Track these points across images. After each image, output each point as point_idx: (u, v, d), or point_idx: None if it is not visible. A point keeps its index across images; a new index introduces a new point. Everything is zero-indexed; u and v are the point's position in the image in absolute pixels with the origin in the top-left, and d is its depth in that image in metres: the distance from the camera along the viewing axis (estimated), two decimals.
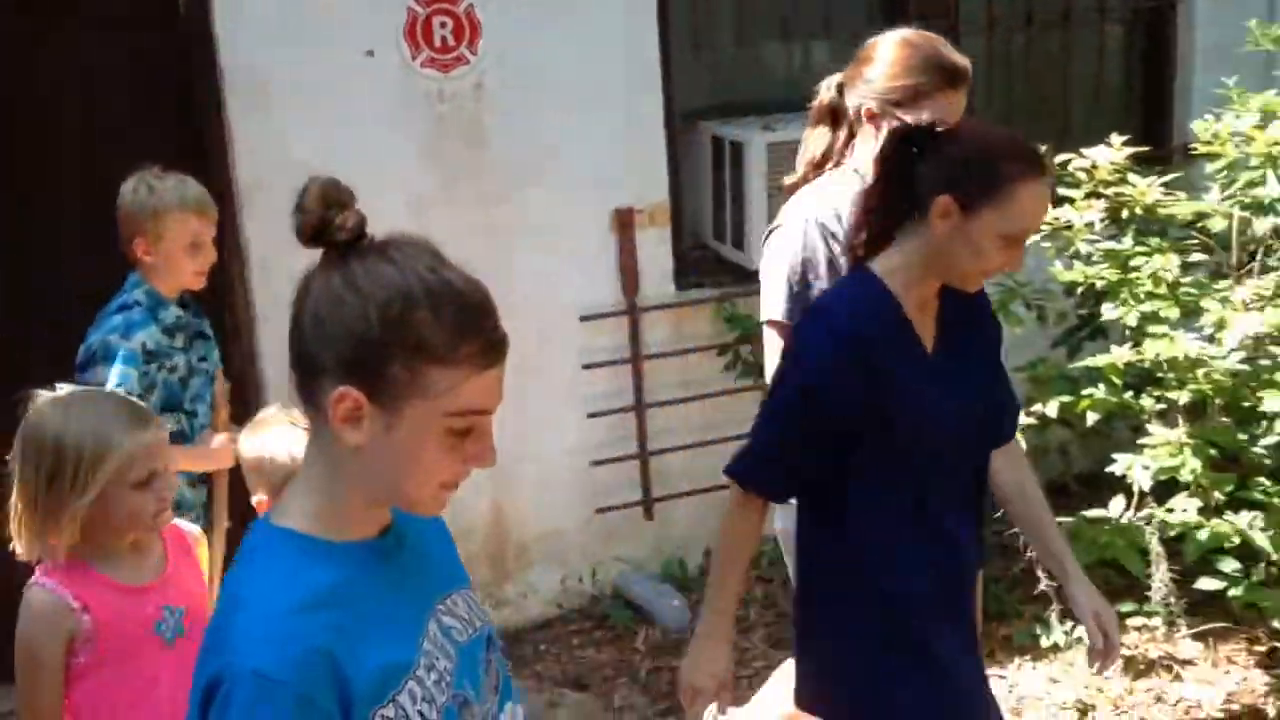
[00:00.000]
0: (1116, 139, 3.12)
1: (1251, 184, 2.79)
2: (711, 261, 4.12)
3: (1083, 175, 3.08)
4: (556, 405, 3.88)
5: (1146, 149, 3.55)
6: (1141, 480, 2.88)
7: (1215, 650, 3.33)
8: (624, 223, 3.89)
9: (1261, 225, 2.82)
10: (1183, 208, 2.98)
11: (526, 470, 3.82)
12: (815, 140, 2.49)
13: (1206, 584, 3.15)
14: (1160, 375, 3.02)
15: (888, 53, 2.35)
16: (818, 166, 2.48)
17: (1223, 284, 2.97)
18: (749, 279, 4.05)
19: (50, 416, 1.95)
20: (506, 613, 3.84)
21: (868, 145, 2.36)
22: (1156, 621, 3.36)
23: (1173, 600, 3.26)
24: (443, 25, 3.54)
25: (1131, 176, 3.05)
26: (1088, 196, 3.05)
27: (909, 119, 2.23)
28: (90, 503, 1.91)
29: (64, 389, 2.05)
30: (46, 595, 1.95)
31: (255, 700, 1.16)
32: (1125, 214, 3.02)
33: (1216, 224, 2.96)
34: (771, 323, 2.41)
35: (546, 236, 3.78)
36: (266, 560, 1.26)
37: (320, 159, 3.44)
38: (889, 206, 1.97)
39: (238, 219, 3.45)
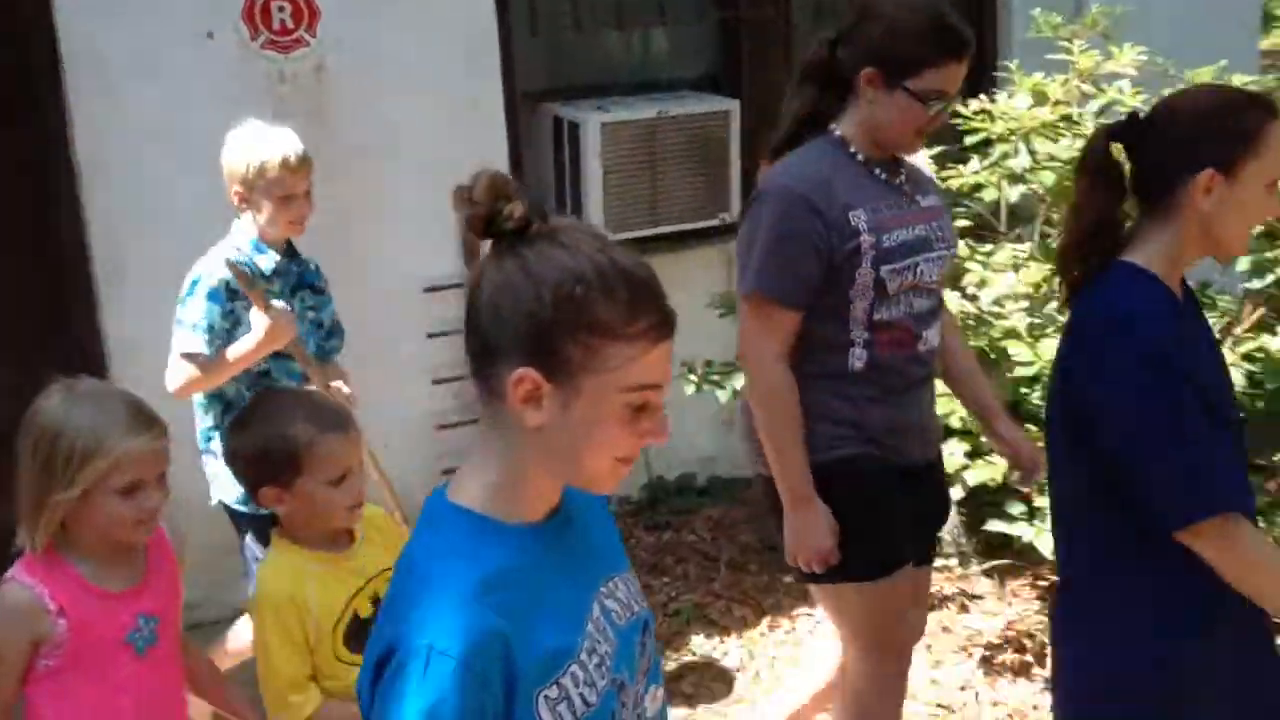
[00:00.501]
0: None
1: (1005, 156, 3.07)
2: None
3: None
4: (404, 373, 4.06)
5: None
6: None
7: (1004, 586, 3.64)
8: None
9: (1013, 193, 3.10)
10: (956, 180, 3.26)
11: (373, 436, 3.97)
12: (803, 98, 2.39)
13: (994, 526, 3.44)
14: None
15: (895, 14, 2.28)
16: (803, 127, 2.38)
17: (988, 248, 3.25)
18: None
19: (56, 405, 1.92)
20: None
21: (864, 109, 2.31)
22: (954, 561, 3.65)
23: (963, 541, 3.54)
24: (281, 9, 3.69)
25: None
26: None
27: (910, 86, 2.25)
28: (74, 499, 1.87)
29: (84, 380, 2.00)
30: (23, 594, 1.91)
31: (428, 674, 1.19)
32: None
33: (990, 194, 3.24)
34: (745, 297, 2.34)
35: (390, 213, 3.95)
36: (444, 537, 1.30)
37: (161, 137, 3.62)
38: (1108, 208, 1.87)
39: (78, 194, 3.56)
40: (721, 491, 4.38)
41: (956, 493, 3.14)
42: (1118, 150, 1.88)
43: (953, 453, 3.14)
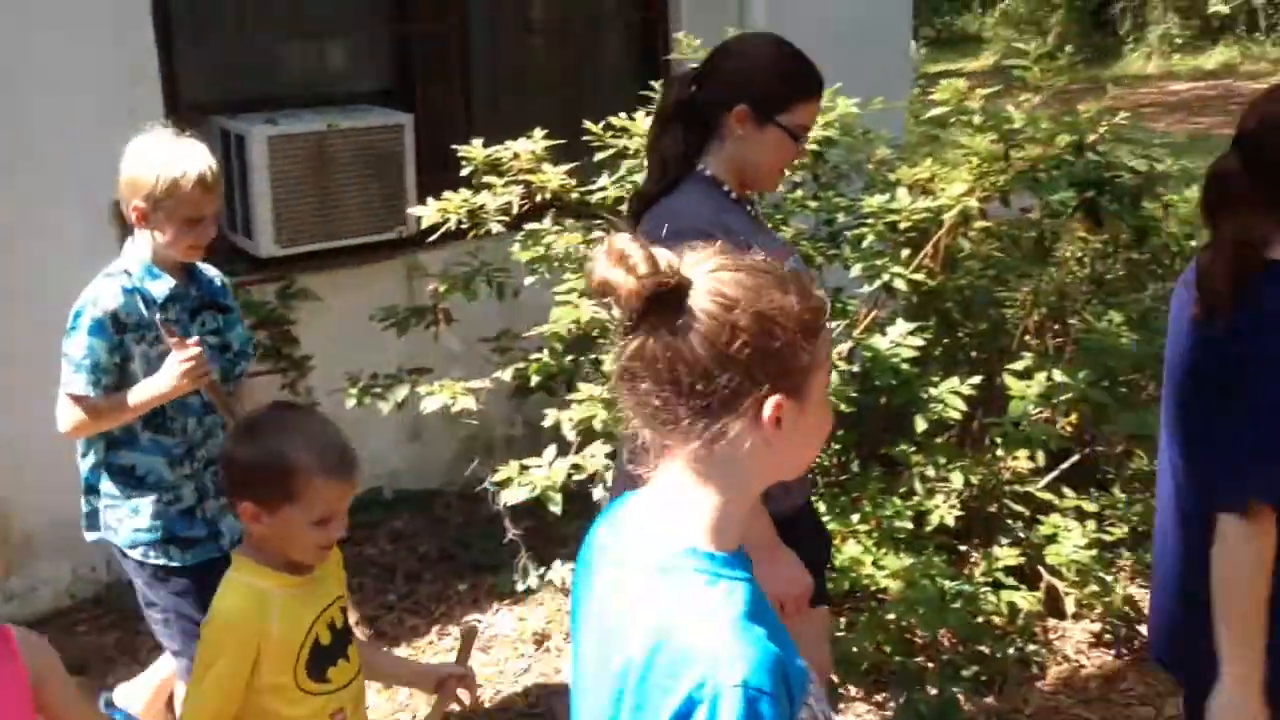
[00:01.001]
0: (538, 132, 3.53)
1: (632, 171, 3.25)
2: (227, 251, 4.26)
3: (512, 164, 3.46)
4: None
5: None
6: (567, 432, 3.28)
7: None
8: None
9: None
10: (601, 193, 3.42)
11: (33, 459, 3.81)
12: (668, 141, 2.33)
13: None
14: (598, 338, 3.45)
15: (761, 52, 2.31)
16: (670, 170, 2.32)
17: None
18: (261, 267, 4.24)
19: None
20: (11, 608, 3.81)
21: (731, 147, 2.29)
22: None
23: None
24: None
25: (545, 165, 3.46)
26: (507, 184, 3.43)
27: (783, 121, 2.26)
28: None
29: None
30: None
31: (751, 712, 1.18)
32: (539, 198, 3.45)
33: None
34: None
35: (42, 227, 3.79)
36: (696, 587, 1.27)
37: None
38: (1248, 224, 1.93)
39: None
40: (407, 504, 4.41)
41: (598, 493, 3.28)
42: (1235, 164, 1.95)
43: (594, 455, 3.28)
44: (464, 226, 3.48)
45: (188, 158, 2.61)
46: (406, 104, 4.43)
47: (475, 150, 3.36)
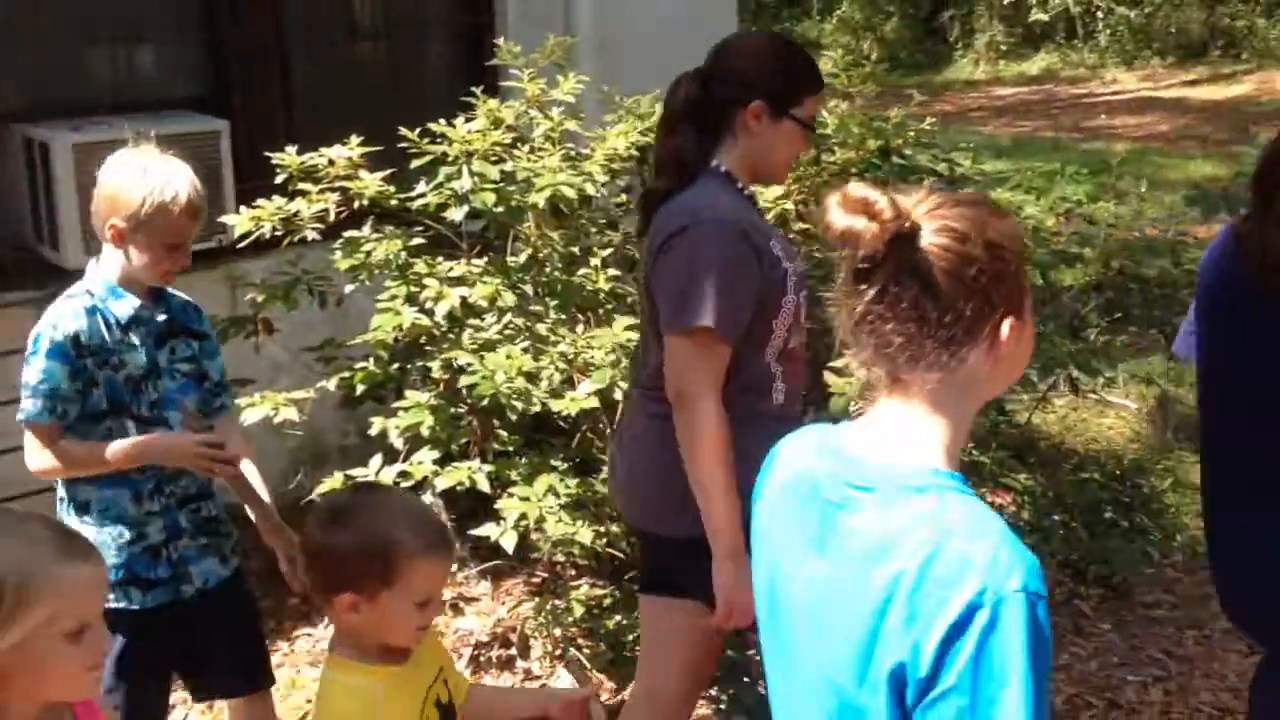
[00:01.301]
0: (354, 139, 3.48)
1: (450, 178, 3.24)
2: (32, 263, 4.09)
3: (328, 170, 3.41)
4: None
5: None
6: (395, 439, 3.25)
7: (499, 586, 3.82)
8: None
9: (457, 213, 3.28)
10: (421, 200, 3.40)
11: None
12: (680, 141, 2.34)
13: (484, 530, 3.58)
14: (424, 345, 3.42)
15: (767, 49, 2.36)
16: (684, 168, 2.33)
17: (450, 264, 3.41)
18: (68, 278, 4.07)
19: None
20: None
21: (745, 142, 2.32)
22: (454, 567, 3.78)
23: (458, 546, 3.68)
24: None
25: (363, 172, 3.41)
26: (323, 190, 3.38)
27: (797, 115, 2.31)
28: (9, 650, 1.50)
29: None
30: None
31: (1033, 616, 1.25)
32: (357, 205, 3.41)
33: (456, 213, 3.39)
34: (686, 333, 2.20)
35: None
36: (954, 499, 1.34)
37: None
38: None
39: None
40: (235, 517, 4.27)
41: (427, 498, 3.26)
42: None
43: (421, 460, 3.26)
44: (279, 234, 3.41)
45: (177, 181, 2.45)
46: (224, 110, 4.31)
47: (289, 157, 3.30)
